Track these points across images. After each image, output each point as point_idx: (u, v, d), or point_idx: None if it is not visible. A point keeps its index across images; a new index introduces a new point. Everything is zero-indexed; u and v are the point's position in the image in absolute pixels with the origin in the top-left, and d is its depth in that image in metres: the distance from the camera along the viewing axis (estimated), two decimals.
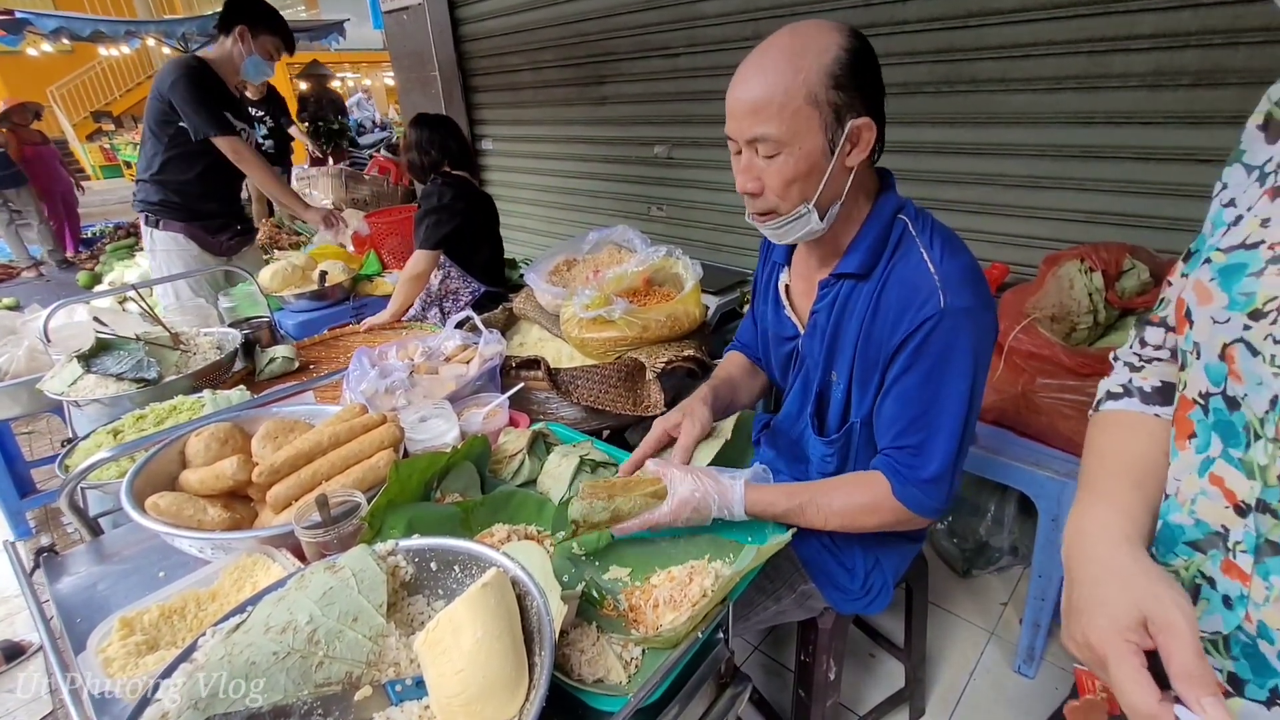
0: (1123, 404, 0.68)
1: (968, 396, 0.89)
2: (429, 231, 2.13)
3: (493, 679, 0.62)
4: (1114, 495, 0.61)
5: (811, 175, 0.88)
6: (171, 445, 1.07)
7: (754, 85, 0.85)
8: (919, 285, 0.88)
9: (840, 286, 0.98)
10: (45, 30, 5.54)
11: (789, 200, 0.90)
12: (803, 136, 0.85)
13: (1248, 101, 1.61)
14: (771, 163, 0.88)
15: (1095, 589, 0.54)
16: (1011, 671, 1.67)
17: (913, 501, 0.92)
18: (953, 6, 1.87)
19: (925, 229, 0.93)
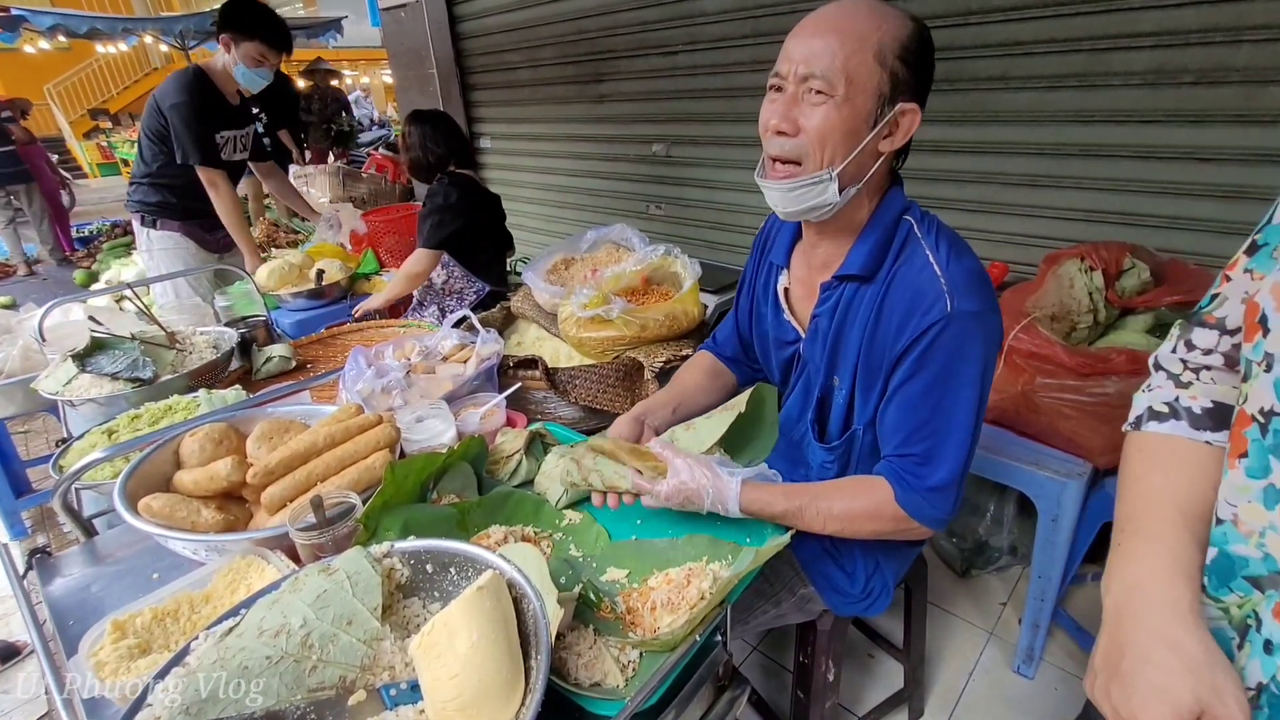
0: (1169, 426, 0.62)
1: (976, 403, 0.87)
2: (432, 231, 2.11)
3: (488, 683, 0.61)
4: (1169, 546, 0.56)
5: (849, 137, 0.84)
6: (166, 446, 1.06)
7: (828, 24, 0.82)
8: (924, 289, 0.86)
9: (843, 289, 0.95)
10: (42, 27, 5.52)
11: (820, 152, 0.85)
12: (857, 90, 0.81)
13: (1250, 100, 1.61)
14: (817, 108, 0.83)
15: (1151, 667, 0.51)
16: (1011, 672, 1.67)
17: (915, 509, 0.90)
18: (953, 4, 1.87)
19: (931, 230, 0.91)
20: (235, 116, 2.27)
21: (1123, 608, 0.56)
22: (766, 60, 2.37)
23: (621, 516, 1.02)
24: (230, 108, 2.24)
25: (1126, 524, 0.61)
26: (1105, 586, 0.60)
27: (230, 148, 2.30)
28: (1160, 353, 0.66)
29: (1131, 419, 0.66)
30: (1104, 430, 1.41)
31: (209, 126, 2.16)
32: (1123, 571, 0.58)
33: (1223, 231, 1.61)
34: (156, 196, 2.28)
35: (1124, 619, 0.55)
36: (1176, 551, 0.56)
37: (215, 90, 2.19)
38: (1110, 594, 0.58)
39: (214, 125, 2.20)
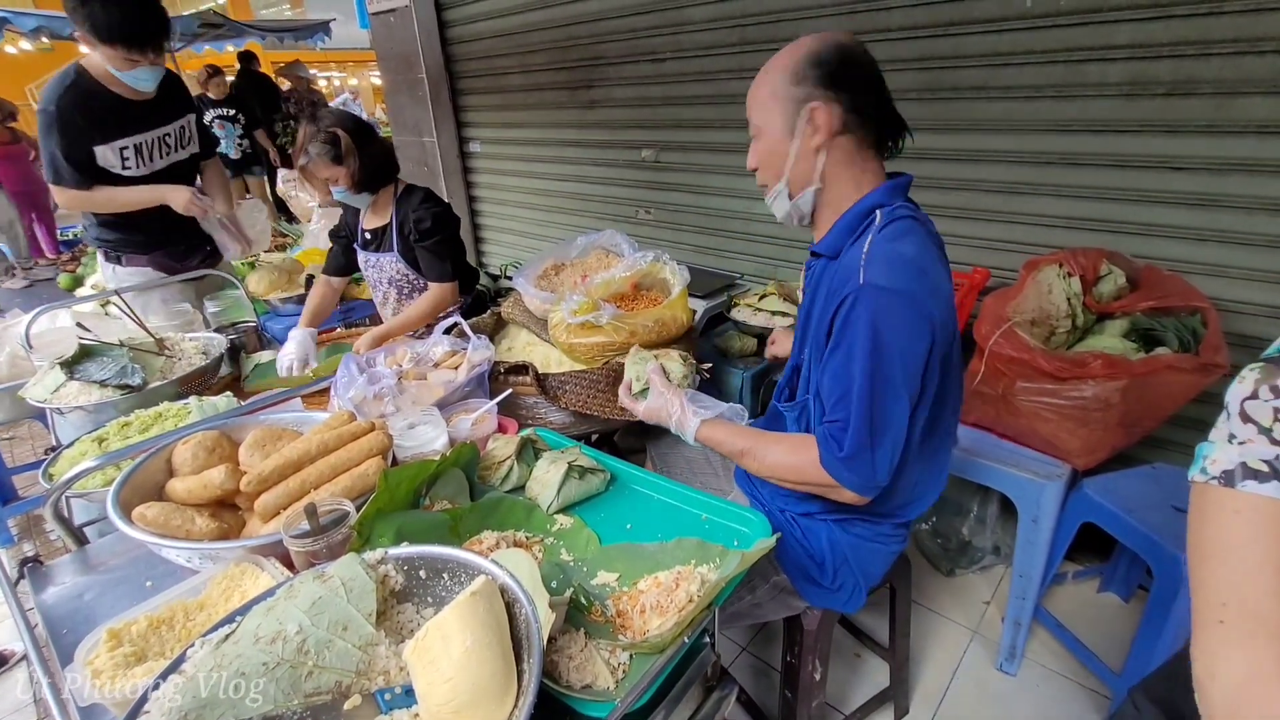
0: (1271, 489, 0.56)
1: (869, 375, 0.91)
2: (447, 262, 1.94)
3: (482, 686, 0.63)
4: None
5: (774, 155, 1.03)
6: (158, 454, 1.07)
7: (752, 86, 1.04)
8: (852, 265, 0.95)
9: (815, 266, 1.09)
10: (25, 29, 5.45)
11: (766, 175, 1.06)
12: (767, 122, 1.02)
13: (1220, 111, 1.66)
14: (755, 145, 1.07)
15: None
16: (994, 669, 1.70)
17: (835, 473, 0.97)
18: (934, 15, 1.90)
19: (889, 220, 0.98)
20: (144, 116, 1.88)
21: (1249, 701, 0.52)
22: (754, 68, 2.38)
23: (612, 521, 1.04)
24: (134, 107, 1.85)
25: (1231, 599, 0.55)
26: (1208, 671, 0.56)
27: (143, 156, 1.90)
28: (1240, 397, 0.59)
29: (1217, 472, 0.59)
30: (1081, 432, 1.45)
31: (86, 138, 1.79)
32: (1241, 659, 0.53)
33: (1196, 239, 1.66)
34: (115, 235, 2.01)
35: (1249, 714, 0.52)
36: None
37: (103, 92, 1.79)
38: (1217, 680, 0.54)
39: (104, 135, 1.82)
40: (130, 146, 1.87)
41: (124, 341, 1.60)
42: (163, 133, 1.93)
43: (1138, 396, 1.39)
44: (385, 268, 2.06)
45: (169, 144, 1.97)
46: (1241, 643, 0.53)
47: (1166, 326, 1.52)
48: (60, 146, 1.78)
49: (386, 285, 2.09)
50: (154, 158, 1.94)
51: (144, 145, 1.90)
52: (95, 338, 1.60)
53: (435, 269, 1.95)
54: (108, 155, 1.84)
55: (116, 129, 1.83)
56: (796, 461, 1.01)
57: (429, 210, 1.93)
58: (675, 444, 1.55)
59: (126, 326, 1.78)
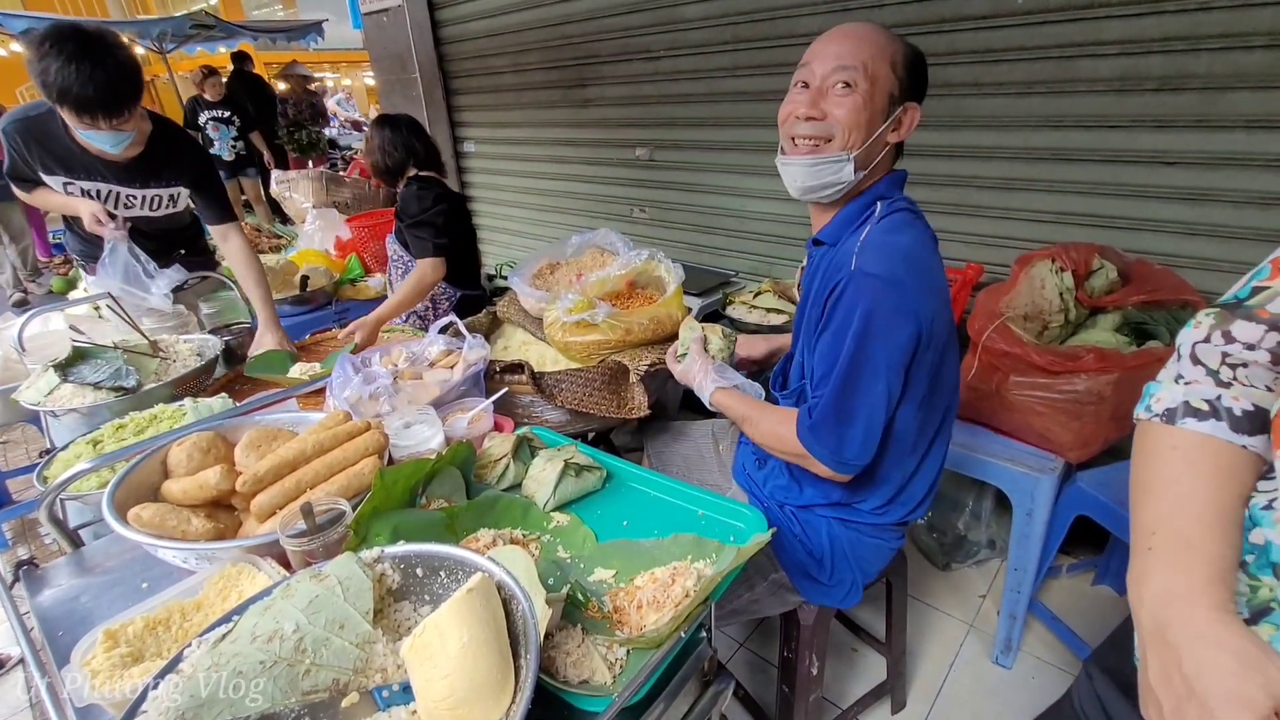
0: (1208, 426, 0.59)
1: (851, 357, 0.95)
2: (428, 239, 2.08)
3: (479, 683, 0.63)
4: (1209, 554, 0.55)
5: (868, 125, 0.99)
6: (153, 456, 1.06)
7: (854, 35, 0.98)
8: (848, 252, 0.97)
9: (816, 255, 1.10)
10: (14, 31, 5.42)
11: (845, 134, 0.98)
12: (877, 87, 0.97)
13: (1210, 106, 1.67)
14: (845, 99, 0.98)
15: (1219, 676, 0.50)
16: (990, 663, 1.71)
17: (804, 441, 1.02)
18: (926, 12, 1.91)
19: (888, 211, 1.02)
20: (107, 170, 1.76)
21: (1167, 618, 0.54)
22: (747, 66, 2.40)
23: (609, 518, 1.05)
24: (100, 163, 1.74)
25: (1160, 526, 0.58)
26: (1137, 595, 0.58)
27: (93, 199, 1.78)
28: (1191, 340, 0.61)
29: (1160, 410, 0.62)
30: (1074, 426, 1.46)
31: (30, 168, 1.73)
32: (1161, 579, 0.55)
33: (1187, 232, 1.67)
34: (80, 244, 1.96)
35: (1170, 630, 0.54)
36: (1215, 557, 0.54)
37: (64, 137, 1.68)
38: (1145, 604, 0.56)
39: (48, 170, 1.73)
40: (76, 186, 1.76)
41: (118, 344, 1.59)
42: (126, 192, 1.81)
43: (1130, 390, 1.40)
44: (391, 248, 2.34)
45: (132, 201, 1.84)
46: (1166, 566, 0.55)
47: (1158, 320, 1.53)
48: (9, 159, 1.75)
49: (391, 266, 2.36)
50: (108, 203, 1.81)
51: (95, 193, 1.78)
52: (89, 340, 1.60)
53: (416, 248, 2.13)
54: (51, 183, 1.77)
55: (64, 170, 1.74)
56: (781, 430, 1.07)
57: (411, 191, 2.13)
58: (671, 441, 1.56)
59: (120, 329, 1.77)
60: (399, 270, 2.33)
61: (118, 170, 1.77)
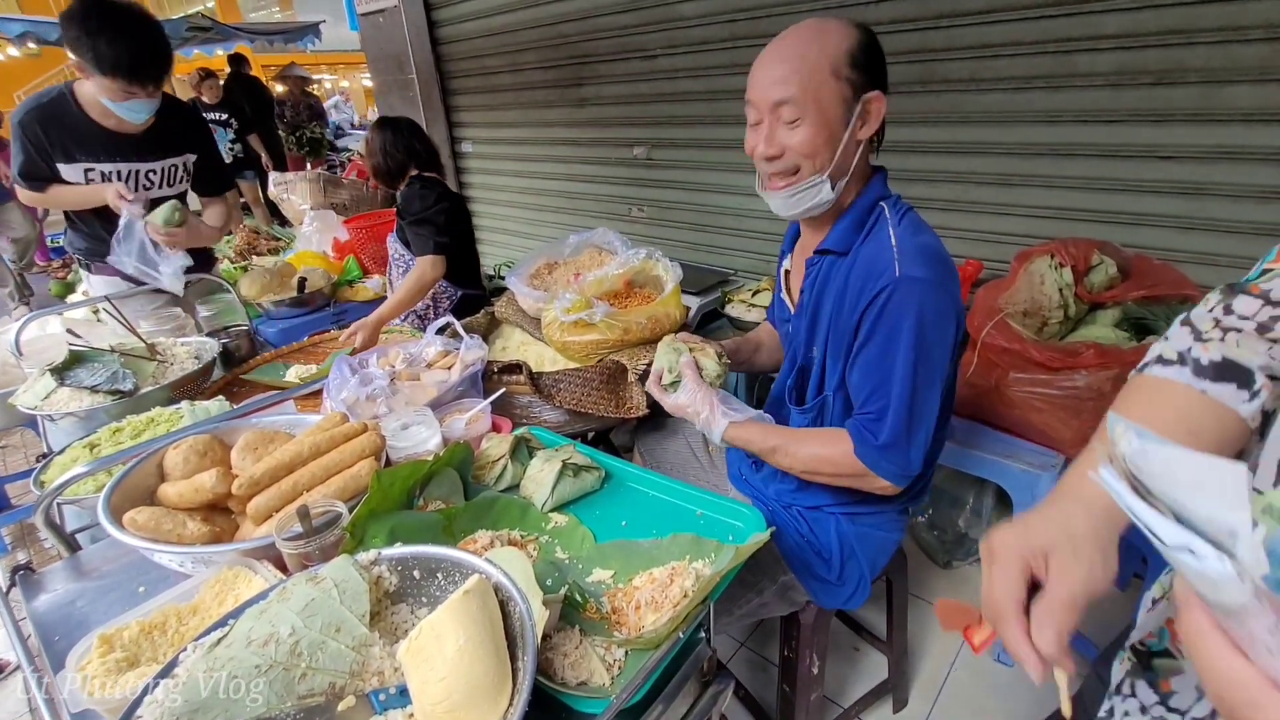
0: (1171, 372, 0.60)
1: (913, 364, 0.93)
2: (430, 236, 2.07)
3: (476, 685, 0.62)
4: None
5: (829, 143, 0.96)
6: (149, 459, 1.06)
7: (783, 56, 0.94)
8: (879, 258, 0.95)
9: (821, 264, 1.06)
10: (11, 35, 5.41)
11: (810, 162, 0.97)
12: (824, 105, 0.94)
13: (1206, 99, 1.66)
14: (794, 129, 0.95)
15: (1037, 515, 0.54)
16: (992, 661, 1.71)
17: (872, 463, 0.98)
18: (924, 8, 1.91)
19: (898, 213, 1.00)
20: (125, 148, 1.83)
21: (1059, 488, 0.58)
22: (744, 63, 2.38)
23: (607, 519, 1.04)
24: (114, 136, 1.80)
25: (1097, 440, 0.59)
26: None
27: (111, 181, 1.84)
28: (1194, 311, 0.63)
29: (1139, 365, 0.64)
30: (1074, 423, 1.45)
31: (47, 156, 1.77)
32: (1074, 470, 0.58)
33: (1185, 227, 1.66)
34: (83, 242, 1.99)
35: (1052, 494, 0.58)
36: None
37: (81, 117, 1.75)
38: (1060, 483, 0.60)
39: (67, 156, 1.78)
40: (97, 171, 1.83)
41: (115, 347, 1.59)
42: (145, 167, 1.88)
43: None
44: (391, 247, 2.34)
45: (151, 179, 1.91)
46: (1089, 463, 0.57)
47: (1158, 315, 1.52)
48: (21, 157, 1.78)
49: (392, 264, 2.35)
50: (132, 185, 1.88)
51: (114, 175, 1.85)
52: (86, 344, 1.59)
53: (417, 245, 2.12)
54: (71, 174, 1.82)
55: (85, 153, 1.80)
56: (831, 453, 1.02)
57: (413, 190, 2.12)
58: (662, 440, 1.55)
59: (117, 332, 1.77)
60: (399, 269, 2.32)
61: (136, 145, 1.85)
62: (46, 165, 1.79)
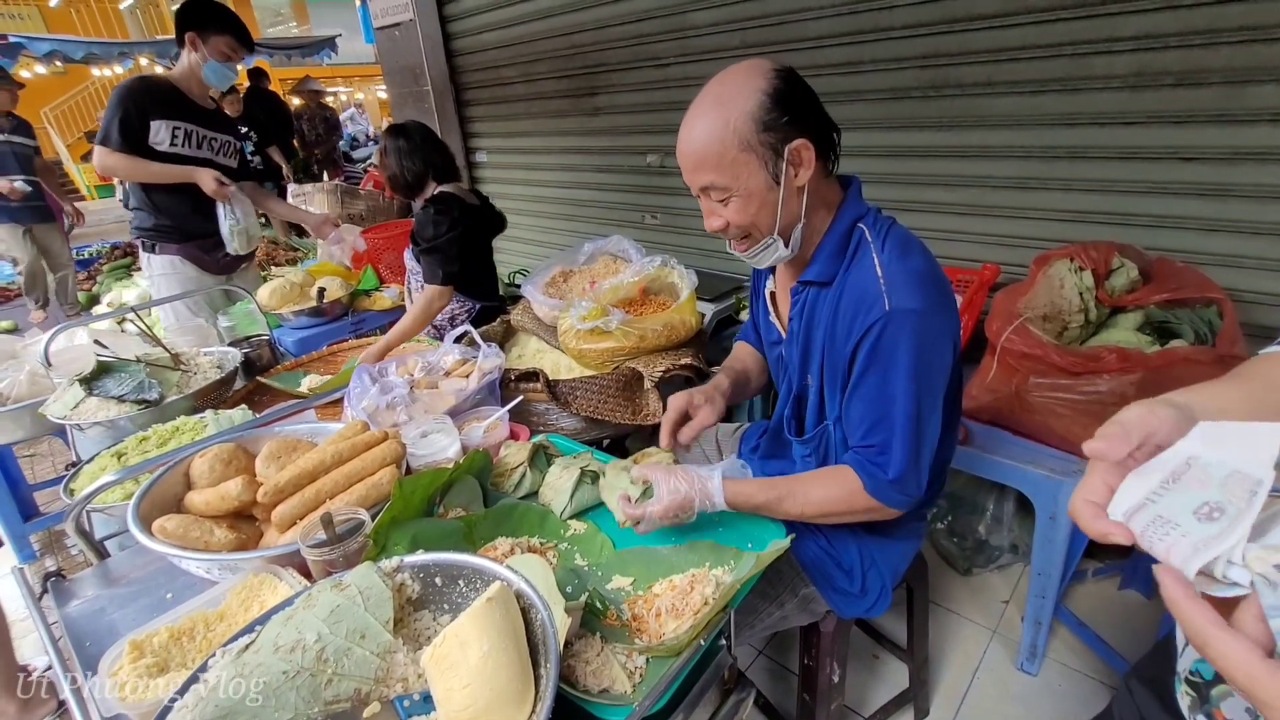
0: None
1: (915, 395, 0.92)
2: (436, 267, 2.04)
3: (500, 692, 0.63)
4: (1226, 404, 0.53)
5: (764, 209, 0.95)
6: (176, 467, 1.08)
7: (692, 140, 0.94)
8: (867, 289, 0.93)
9: (806, 294, 1.05)
10: (39, 54, 5.58)
11: (754, 229, 0.98)
12: (745, 179, 0.93)
13: (1229, 100, 1.64)
14: (727, 205, 0.96)
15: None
16: (1015, 669, 1.68)
17: (884, 497, 0.97)
18: (938, 12, 1.90)
19: (880, 234, 0.98)
20: (202, 115, 2.25)
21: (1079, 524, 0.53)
22: None
23: None
24: (195, 106, 2.23)
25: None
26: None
27: (192, 140, 2.23)
28: None
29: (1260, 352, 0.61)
30: (1096, 428, 1.43)
31: (144, 111, 2.12)
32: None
33: (1208, 229, 1.64)
34: (151, 220, 2.28)
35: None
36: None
37: (170, 87, 2.19)
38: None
39: (163, 112, 2.15)
40: (182, 129, 2.21)
41: (141, 357, 1.62)
42: (212, 135, 2.29)
43: (1154, 390, 1.34)
44: (408, 261, 2.28)
45: (214, 145, 2.32)
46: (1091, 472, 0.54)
47: (1181, 319, 1.50)
48: (119, 114, 2.09)
49: (410, 276, 2.31)
50: (200, 147, 2.27)
51: (195, 133, 2.24)
52: (112, 354, 1.63)
53: (426, 271, 2.09)
54: (161, 130, 2.16)
55: (175, 112, 2.18)
56: (840, 494, 0.99)
57: (427, 215, 2.07)
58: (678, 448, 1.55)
59: (143, 343, 1.80)
60: (416, 282, 2.30)
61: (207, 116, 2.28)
62: (139, 124, 2.12)
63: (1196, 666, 0.58)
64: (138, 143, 2.14)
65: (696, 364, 1.60)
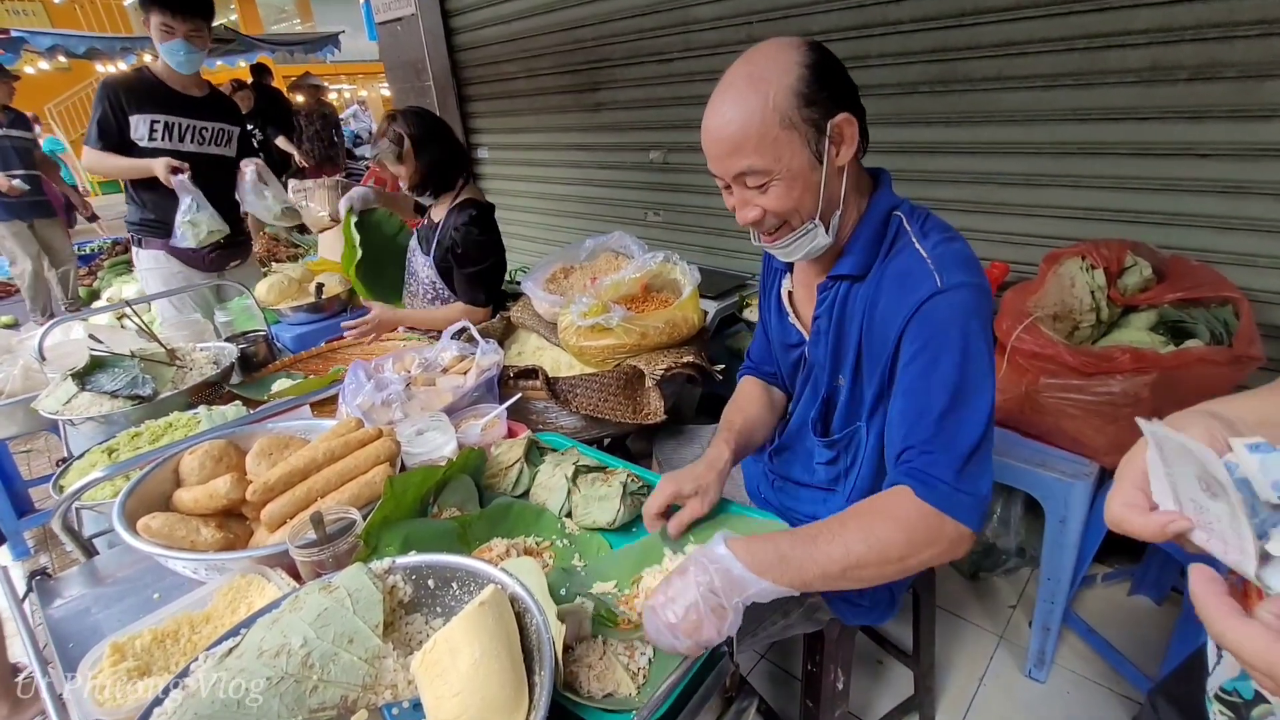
0: None
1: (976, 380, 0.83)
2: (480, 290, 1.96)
3: (491, 701, 0.60)
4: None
5: (807, 192, 0.89)
6: (165, 464, 1.06)
7: (727, 123, 0.86)
8: (914, 271, 0.87)
9: (837, 289, 0.98)
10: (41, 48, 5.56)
11: (795, 214, 0.91)
12: (788, 159, 0.86)
13: (1245, 95, 1.60)
14: (766, 193, 0.89)
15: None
16: (1022, 676, 1.65)
17: (944, 499, 0.79)
18: (946, 6, 1.87)
19: (918, 222, 0.93)
20: (185, 105, 2.21)
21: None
22: None
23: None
24: (179, 97, 2.19)
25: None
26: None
27: (172, 133, 2.19)
28: None
29: None
30: (1109, 430, 1.40)
31: (121, 107, 2.10)
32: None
33: (1223, 227, 1.60)
34: (139, 215, 2.27)
35: None
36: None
37: (152, 79, 2.16)
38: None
39: (140, 107, 2.13)
40: (162, 122, 2.17)
41: (135, 352, 1.60)
42: (199, 124, 2.24)
43: (1168, 391, 1.34)
44: (420, 268, 2.12)
45: (203, 135, 2.26)
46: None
47: (1196, 318, 1.46)
48: (98, 113, 2.10)
49: (419, 281, 2.16)
50: (184, 139, 2.23)
51: (176, 125, 2.20)
52: (106, 349, 1.60)
53: (468, 294, 2.01)
54: (140, 126, 2.14)
55: (152, 105, 2.15)
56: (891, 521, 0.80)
57: (472, 236, 1.92)
58: (680, 446, 1.52)
59: (139, 338, 1.78)
60: (423, 290, 2.14)
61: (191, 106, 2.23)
62: (119, 121, 2.11)
63: (1233, 685, 0.55)
64: (121, 140, 2.12)
65: (698, 362, 1.57)
